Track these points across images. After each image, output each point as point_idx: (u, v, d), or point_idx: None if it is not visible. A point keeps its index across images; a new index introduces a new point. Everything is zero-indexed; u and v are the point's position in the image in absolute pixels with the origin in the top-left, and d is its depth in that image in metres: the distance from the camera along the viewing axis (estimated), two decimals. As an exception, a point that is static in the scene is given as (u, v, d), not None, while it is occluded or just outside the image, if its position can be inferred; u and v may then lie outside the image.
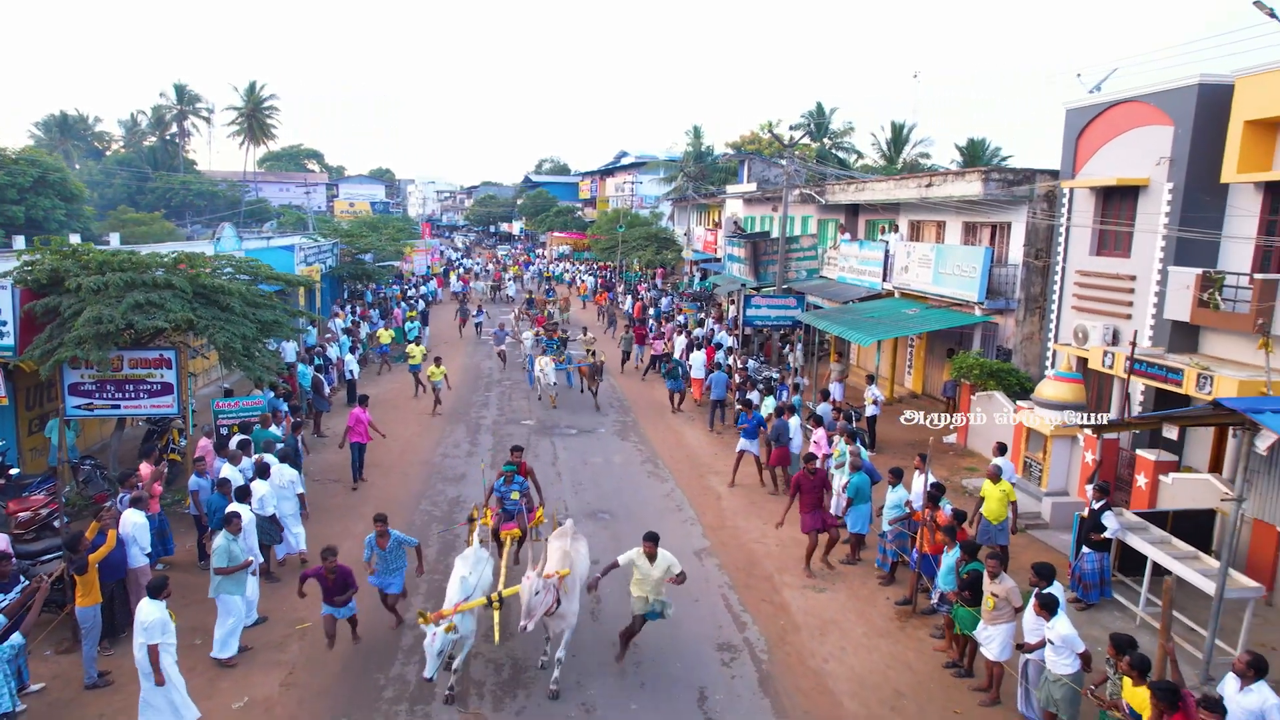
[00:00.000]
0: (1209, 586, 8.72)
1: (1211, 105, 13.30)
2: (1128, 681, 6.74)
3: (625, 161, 66.37)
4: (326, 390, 19.55)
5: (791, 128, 48.02)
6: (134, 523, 9.56)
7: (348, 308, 31.49)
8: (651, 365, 25.45)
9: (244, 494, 10.22)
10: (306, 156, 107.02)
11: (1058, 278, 17.24)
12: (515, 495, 11.03)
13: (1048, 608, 7.77)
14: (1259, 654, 6.72)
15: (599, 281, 48.54)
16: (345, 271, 35.51)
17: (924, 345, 22.53)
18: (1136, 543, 10.10)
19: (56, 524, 11.37)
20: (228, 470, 11.11)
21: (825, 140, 47.74)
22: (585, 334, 25.71)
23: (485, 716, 8.32)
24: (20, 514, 11.00)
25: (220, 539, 9.05)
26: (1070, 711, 7.49)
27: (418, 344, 24.14)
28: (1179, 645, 9.44)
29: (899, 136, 45.57)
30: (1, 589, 7.96)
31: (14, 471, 12.12)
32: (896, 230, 23.87)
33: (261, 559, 10.37)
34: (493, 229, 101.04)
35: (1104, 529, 10.31)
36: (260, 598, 10.09)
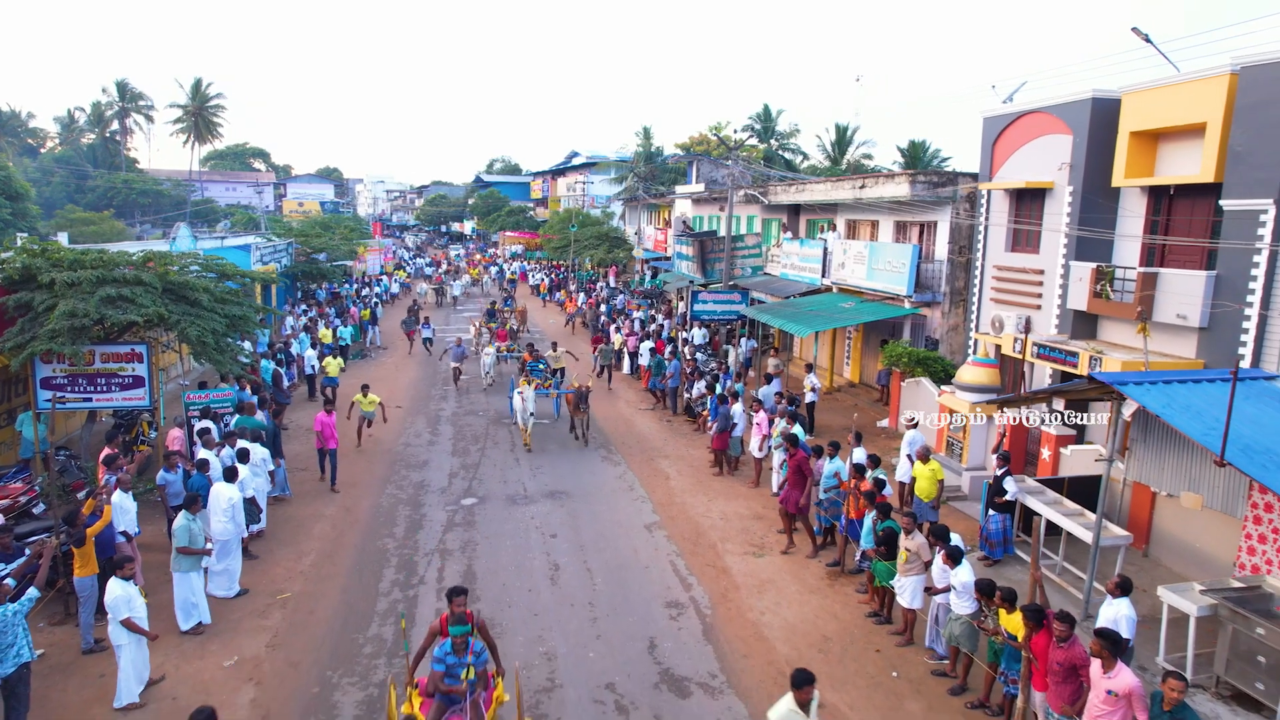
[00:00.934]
0: (1088, 536, 10.08)
1: (1103, 117, 14.80)
2: (1003, 612, 8.03)
3: (576, 162, 67.08)
4: (286, 385, 20.10)
5: (740, 130, 49.55)
6: (115, 504, 10.17)
7: (300, 307, 31.80)
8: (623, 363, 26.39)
9: (231, 475, 10.86)
10: (252, 155, 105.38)
11: (978, 272, 18.74)
12: (469, 672, 6.84)
13: (953, 558, 9.05)
14: (1127, 577, 8.19)
15: (554, 281, 49.23)
16: (300, 270, 35.75)
17: (860, 337, 23.95)
18: (1033, 504, 11.43)
19: (35, 510, 11.94)
20: (204, 451, 11.77)
21: (773, 141, 49.24)
22: (555, 349, 23.05)
23: None
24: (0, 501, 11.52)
25: (180, 519, 9.57)
26: (969, 644, 8.76)
27: (335, 356, 21.89)
28: (1065, 589, 10.89)
29: (843, 138, 47.24)
30: (4, 559, 8.60)
31: (-11, 462, 12.59)
32: (835, 229, 25.26)
33: (246, 533, 11.07)
34: (444, 229, 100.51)
35: (1005, 492, 11.64)
36: (241, 573, 10.81)
